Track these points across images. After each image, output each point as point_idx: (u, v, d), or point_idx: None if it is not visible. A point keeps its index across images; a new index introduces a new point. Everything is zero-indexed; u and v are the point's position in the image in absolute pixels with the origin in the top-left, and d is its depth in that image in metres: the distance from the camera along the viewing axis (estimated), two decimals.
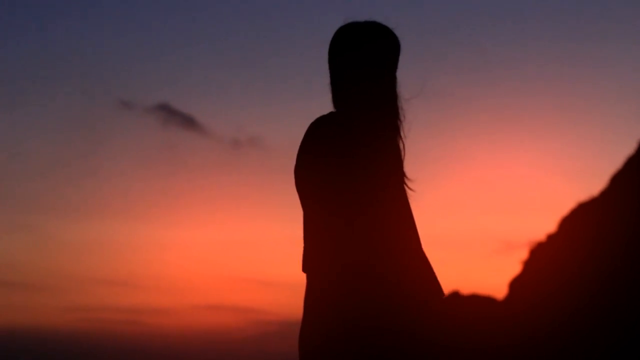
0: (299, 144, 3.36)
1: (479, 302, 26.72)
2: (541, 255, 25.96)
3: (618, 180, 23.81)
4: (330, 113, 3.33)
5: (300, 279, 3.34)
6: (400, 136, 3.36)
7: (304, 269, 3.30)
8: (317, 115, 3.35)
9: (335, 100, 3.38)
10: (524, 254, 28.06)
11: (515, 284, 26.42)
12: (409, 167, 3.38)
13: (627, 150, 24.01)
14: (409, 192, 3.33)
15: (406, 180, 3.33)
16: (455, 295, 26.98)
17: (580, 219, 24.72)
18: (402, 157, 3.36)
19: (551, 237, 26.15)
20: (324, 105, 3.43)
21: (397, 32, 3.42)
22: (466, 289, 27.77)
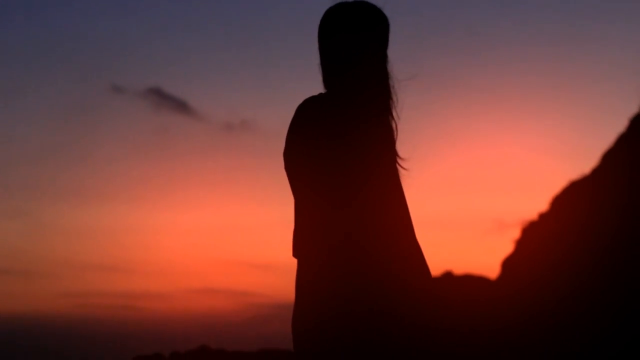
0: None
1: (472, 283, 26.75)
2: (533, 235, 25.99)
3: (609, 158, 23.84)
4: (319, 94, 3.32)
5: (293, 261, 3.33)
6: (392, 116, 3.35)
7: (295, 254, 3.29)
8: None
9: (326, 81, 3.36)
10: (516, 233, 28.09)
11: (508, 264, 26.46)
12: (401, 147, 3.37)
13: (619, 129, 24.04)
14: (402, 172, 3.32)
15: (399, 160, 3.33)
16: (448, 275, 27.02)
17: (573, 198, 24.76)
18: (395, 136, 3.35)
19: (543, 216, 26.18)
20: (317, 87, 3.42)
21: (387, 11, 3.41)
22: (459, 269, 27.81)
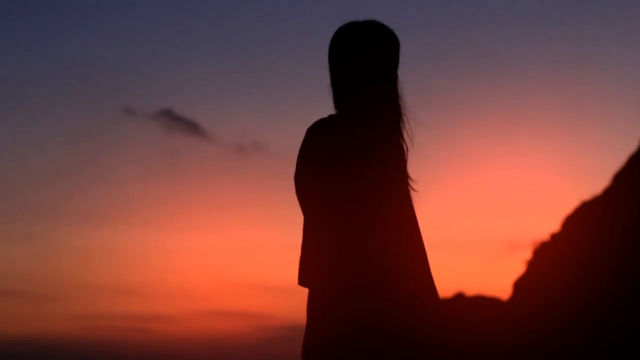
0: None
1: (484, 304, 26.70)
2: (545, 255, 25.95)
3: (620, 178, 23.83)
4: (330, 116, 3.30)
5: (298, 284, 3.31)
6: (403, 137, 3.33)
7: (301, 281, 3.24)
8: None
9: (336, 102, 3.34)
10: (528, 254, 28.04)
11: (520, 285, 26.41)
12: (412, 169, 3.35)
13: (629, 149, 24.05)
14: (412, 193, 3.29)
15: (410, 182, 3.30)
16: (460, 296, 26.97)
17: (584, 218, 24.72)
18: (406, 158, 3.33)
19: (555, 237, 26.15)
20: (328, 108, 3.40)
21: (397, 31, 3.38)
22: (470, 290, 27.75)
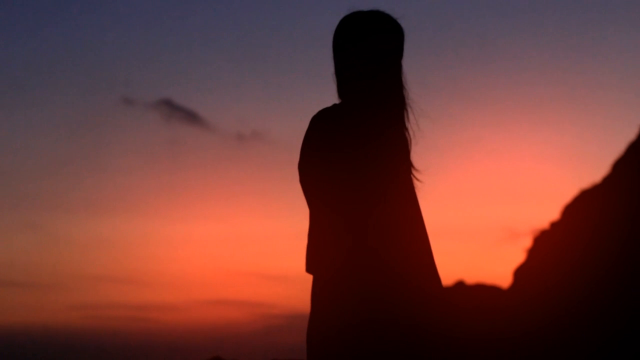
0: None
1: (484, 292, 26.72)
2: (545, 243, 25.96)
3: (620, 166, 23.83)
4: (334, 105, 3.29)
5: (305, 272, 3.30)
6: (407, 126, 3.33)
7: (308, 269, 3.24)
8: (322, 107, 3.31)
9: (340, 91, 3.33)
10: (528, 242, 28.04)
11: (520, 273, 26.42)
12: (416, 159, 3.35)
13: (629, 137, 24.03)
14: (416, 183, 3.29)
15: (413, 171, 3.30)
16: (461, 284, 26.99)
17: (584, 206, 24.73)
18: (409, 147, 3.32)
19: (555, 225, 26.15)
20: (329, 97, 3.40)
21: (401, 20, 3.36)
22: (471, 278, 27.75)
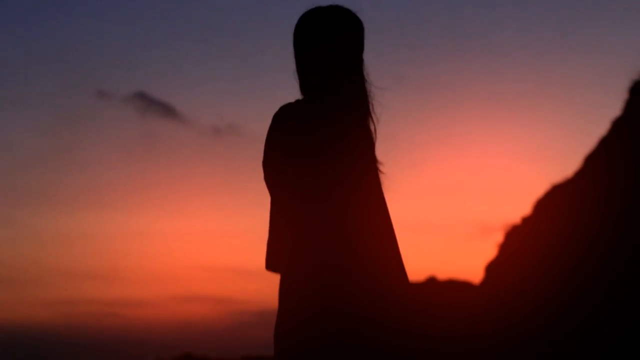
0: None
1: (456, 287, 26.82)
2: (517, 239, 26.07)
3: (591, 161, 23.94)
4: (296, 100, 3.28)
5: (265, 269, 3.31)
6: (371, 119, 3.32)
7: (269, 266, 3.24)
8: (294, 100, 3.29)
9: (302, 87, 3.33)
10: (500, 238, 28.14)
11: (492, 268, 26.53)
12: (381, 151, 3.34)
13: (600, 132, 24.14)
14: (381, 176, 3.27)
15: (378, 165, 3.28)
16: (432, 280, 27.08)
17: (555, 201, 24.84)
18: (374, 140, 3.31)
19: (527, 220, 26.26)
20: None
21: (360, 13, 3.35)
22: (443, 273, 27.86)
